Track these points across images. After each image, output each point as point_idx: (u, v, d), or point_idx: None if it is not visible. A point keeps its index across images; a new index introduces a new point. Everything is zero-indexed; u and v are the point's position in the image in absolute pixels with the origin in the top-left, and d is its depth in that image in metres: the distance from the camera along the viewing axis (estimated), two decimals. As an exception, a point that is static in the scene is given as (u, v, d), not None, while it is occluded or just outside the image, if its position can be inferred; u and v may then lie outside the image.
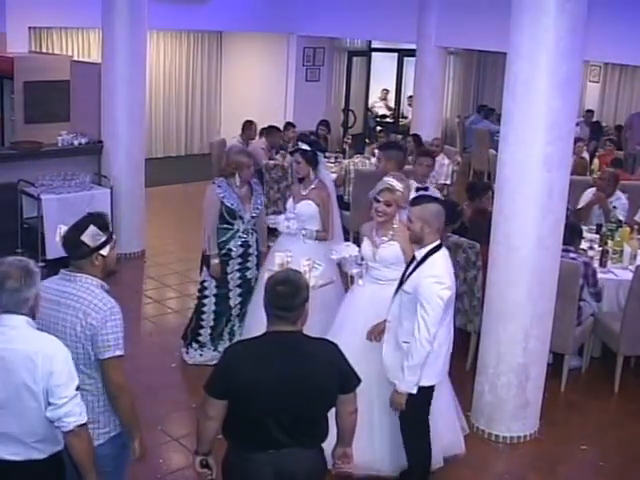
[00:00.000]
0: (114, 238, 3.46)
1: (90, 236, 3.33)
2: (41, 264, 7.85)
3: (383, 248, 4.74)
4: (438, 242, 4.21)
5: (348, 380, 3.30)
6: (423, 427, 4.40)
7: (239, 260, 6.00)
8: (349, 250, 4.97)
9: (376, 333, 4.55)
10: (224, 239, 5.92)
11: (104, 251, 3.38)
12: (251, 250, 6.03)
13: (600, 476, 5.17)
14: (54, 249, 7.74)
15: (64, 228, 3.44)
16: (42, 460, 3.09)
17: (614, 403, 6.07)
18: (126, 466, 3.65)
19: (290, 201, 5.98)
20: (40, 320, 3.27)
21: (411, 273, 4.21)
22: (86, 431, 3.10)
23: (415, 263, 4.22)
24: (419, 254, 4.21)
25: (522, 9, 4.89)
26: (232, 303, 6.08)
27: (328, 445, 3.39)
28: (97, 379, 3.36)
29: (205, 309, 6.11)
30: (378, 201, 4.69)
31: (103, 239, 3.37)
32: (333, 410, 3.34)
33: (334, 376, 3.23)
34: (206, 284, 6.08)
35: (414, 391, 4.16)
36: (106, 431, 3.43)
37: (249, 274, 6.06)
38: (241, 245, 5.96)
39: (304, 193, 5.85)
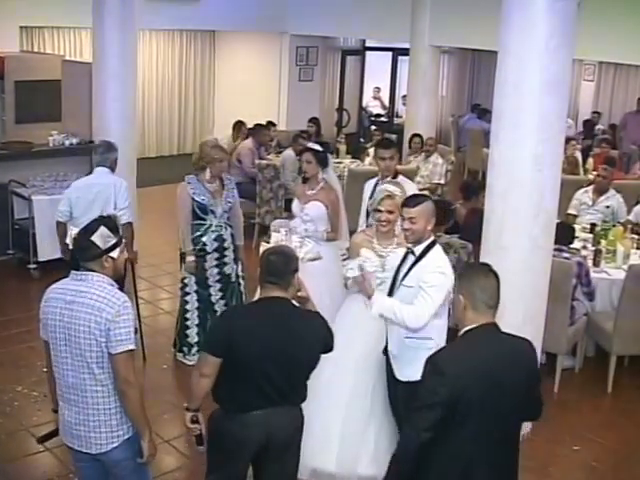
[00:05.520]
0: (124, 241, 3.50)
1: (100, 237, 3.36)
2: (33, 266, 7.87)
3: (392, 257, 4.56)
4: (433, 238, 4.23)
5: (329, 341, 3.64)
6: None
7: (216, 255, 6.02)
8: (366, 265, 4.39)
9: None
10: (197, 234, 5.95)
11: (114, 253, 3.40)
12: (226, 244, 6.04)
13: (592, 476, 5.16)
14: (46, 250, 7.73)
15: (75, 231, 3.50)
16: None
17: (607, 403, 6.06)
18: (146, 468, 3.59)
19: (296, 202, 5.90)
20: (54, 320, 3.33)
21: (410, 269, 4.20)
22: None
23: (414, 259, 4.20)
24: (417, 250, 4.20)
25: (511, 7, 4.87)
26: (213, 299, 6.10)
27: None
28: (109, 380, 3.34)
29: (188, 307, 6.13)
30: (380, 211, 4.58)
31: (114, 241, 3.40)
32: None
33: (320, 336, 3.59)
34: (186, 281, 6.10)
35: (374, 310, 4.17)
36: (120, 433, 3.41)
37: (227, 269, 6.08)
38: (215, 239, 5.98)
39: (311, 193, 5.80)
